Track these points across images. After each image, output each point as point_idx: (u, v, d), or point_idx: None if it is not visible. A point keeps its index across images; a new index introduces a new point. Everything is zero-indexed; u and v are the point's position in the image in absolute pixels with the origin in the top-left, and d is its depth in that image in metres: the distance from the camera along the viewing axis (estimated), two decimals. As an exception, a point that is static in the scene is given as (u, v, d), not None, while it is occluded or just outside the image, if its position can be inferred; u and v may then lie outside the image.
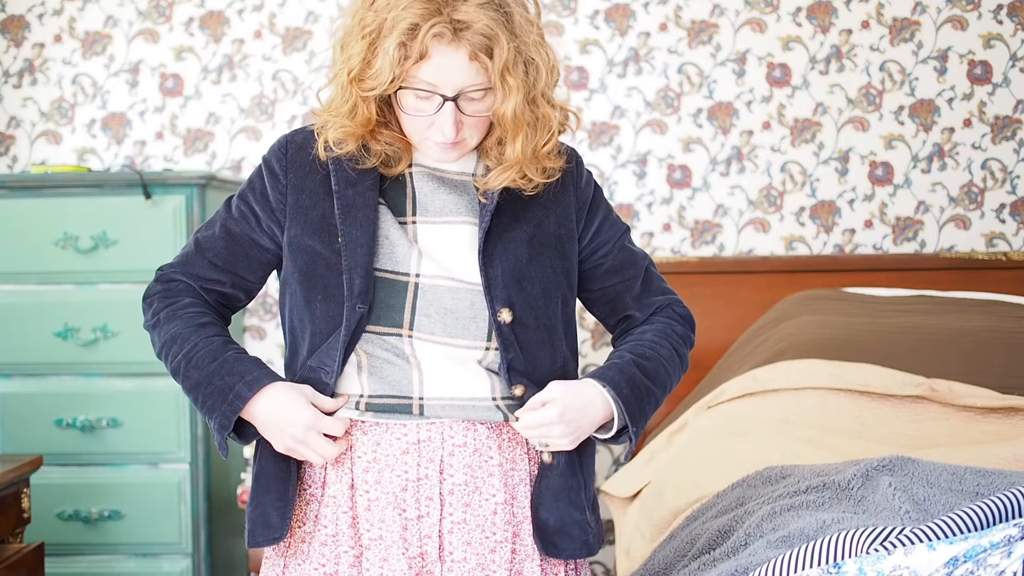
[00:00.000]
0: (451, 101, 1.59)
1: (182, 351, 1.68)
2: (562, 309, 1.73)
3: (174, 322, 1.70)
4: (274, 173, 1.71)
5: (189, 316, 1.71)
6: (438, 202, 1.70)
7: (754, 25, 3.50)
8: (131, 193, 3.11)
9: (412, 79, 1.58)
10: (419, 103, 1.60)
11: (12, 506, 2.64)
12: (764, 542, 1.80)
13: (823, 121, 3.50)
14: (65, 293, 3.12)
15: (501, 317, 1.66)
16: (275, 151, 1.73)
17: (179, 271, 1.75)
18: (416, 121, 1.62)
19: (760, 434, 2.49)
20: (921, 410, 2.59)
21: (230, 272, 1.74)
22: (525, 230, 1.71)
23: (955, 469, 2.04)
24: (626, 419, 1.70)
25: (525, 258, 1.69)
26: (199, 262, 1.74)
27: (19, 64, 3.54)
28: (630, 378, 1.71)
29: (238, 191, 1.76)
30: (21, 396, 3.12)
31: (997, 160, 3.49)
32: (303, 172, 1.70)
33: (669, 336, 1.78)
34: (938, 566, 1.40)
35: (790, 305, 3.14)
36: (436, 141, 1.63)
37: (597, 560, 3.54)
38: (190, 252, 1.76)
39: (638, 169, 3.52)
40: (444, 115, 1.60)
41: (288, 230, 1.70)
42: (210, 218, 1.78)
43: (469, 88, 1.59)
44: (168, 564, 3.10)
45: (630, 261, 1.82)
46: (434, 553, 1.66)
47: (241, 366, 1.66)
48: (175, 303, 1.73)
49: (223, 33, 3.53)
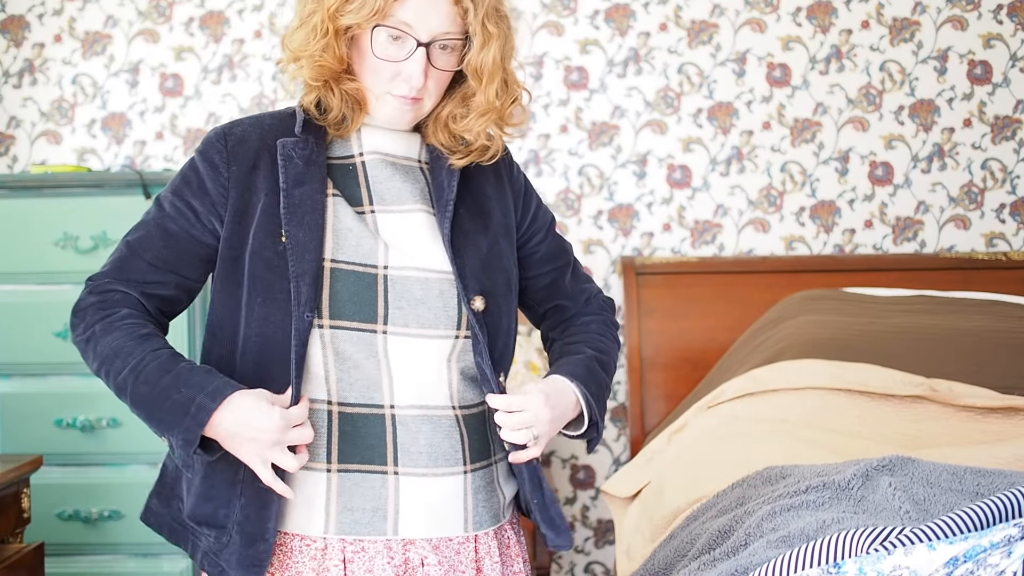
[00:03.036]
0: (423, 47, 1.58)
1: (127, 366, 1.58)
2: (515, 298, 1.75)
3: (112, 335, 1.60)
4: (214, 165, 1.63)
5: (128, 327, 1.61)
6: (393, 190, 1.68)
7: (754, 25, 3.50)
8: (131, 193, 3.11)
9: (389, 17, 1.57)
10: (390, 47, 1.59)
11: (12, 506, 2.64)
12: (764, 542, 1.80)
13: (823, 121, 3.50)
14: (65, 293, 3.12)
15: (475, 305, 1.65)
16: (213, 144, 1.64)
17: (112, 280, 1.65)
18: (382, 69, 1.60)
19: (760, 434, 2.49)
20: (921, 410, 2.59)
21: (171, 272, 1.65)
22: (480, 219, 1.71)
23: (955, 469, 2.04)
24: (596, 415, 1.71)
25: (486, 247, 1.69)
26: (136, 266, 1.65)
27: (19, 64, 3.54)
28: (595, 375, 1.72)
29: (168, 189, 1.67)
30: (21, 396, 3.12)
31: (997, 160, 3.49)
32: (246, 166, 1.63)
33: (609, 328, 1.84)
34: (938, 566, 1.40)
35: (790, 305, 3.14)
36: (397, 94, 1.62)
37: (597, 560, 3.54)
38: (122, 257, 1.66)
39: (638, 169, 3.52)
40: (414, 61, 1.58)
41: (227, 225, 1.63)
42: (138, 222, 1.68)
43: (442, 36, 1.59)
44: (168, 564, 3.10)
45: (561, 248, 1.85)
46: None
47: (198, 377, 1.56)
48: (111, 315, 1.62)
49: (223, 33, 3.53)
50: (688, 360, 3.38)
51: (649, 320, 3.39)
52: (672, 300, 3.39)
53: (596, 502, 3.53)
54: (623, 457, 3.52)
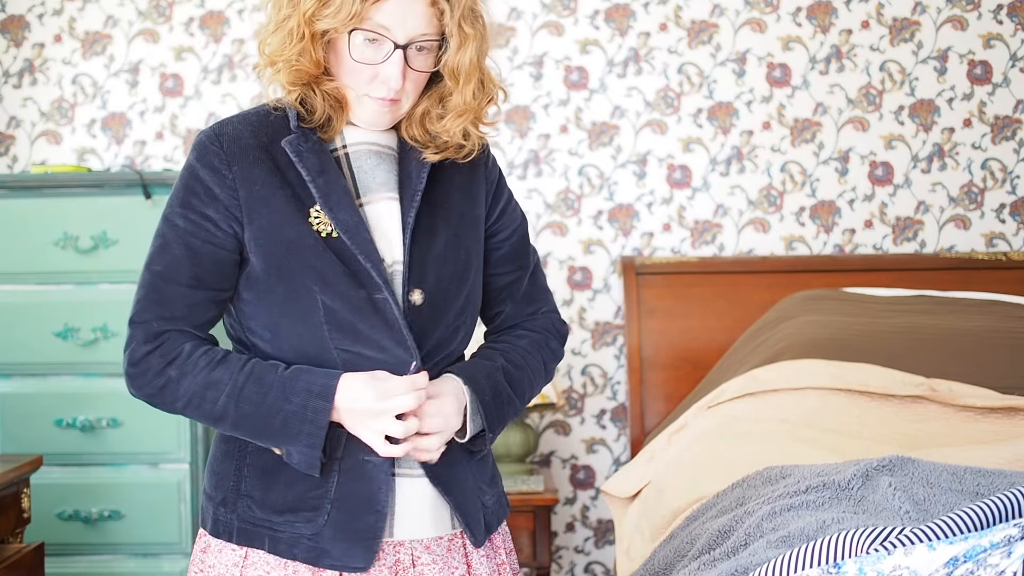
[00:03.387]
0: (401, 49, 1.58)
1: (221, 394, 1.59)
2: (472, 291, 1.73)
3: (191, 375, 1.60)
4: (215, 169, 1.60)
5: (203, 360, 1.61)
6: (379, 179, 1.68)
7: (754, 25, 3.50)
8: (131, 193, 3.11)
9: (366, 21, 1.57)
10: (367, 50, 1.59)
11: (12, 506, 2.64)
12: (764, 542, 1.80)
13: (823, 121, 3.50)
14: (65, 293, 3.12)
15: (413, 297, 1.64)
16: (207, 147, 1.61)
17: (157, 319, 1.62)
18: (359, 72, 1.60)
19: (760, 434, 2.49)
20: (921, 410, 2.59)
21: (207, 289, 1.63)
22: (445, 210, 1.71)
23: (955, 469, 2.04)
24: (483, 423, 1.69)
25: (444, 240, 1.69)
26: (172, 296, 1.62)
27: (19, 64, 3.54)
28: (495, 384, 1.70)
29: (175, 204, 1.62)
30: (21, 396, 3.12)
31: (997, 160, 3.49)
32: (247, 163, 1.61)
33: (543, 350, 1.81)
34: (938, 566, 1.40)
35: (790, 305, 3.14)
36: (375, 96, 1.61)
37: (597, 560, 3.54)
38: (155, 289, 1.62)
39: (638, 169, 3.52)
40: (392, 63, 1.58)
41: (249, 226, 1.61)
42: (155, 246, 1.63)
43: (419, 38, 1.59)
44: (168, 564, 3.10)
45: (524, 252, 1.83)
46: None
47: (301, 381, 1.58)
48: (177, 357, 1.61)
49: (223, 33, 3.53)
50: (688, 360, 3.38)
51: (649, 320, 3.39)
52: (672, 300, 3.39)
53: (596, 502, 3.53)
54: (623, 457, 3.52)
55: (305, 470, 1.60)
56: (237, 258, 1.62)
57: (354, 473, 1.62)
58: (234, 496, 1.66)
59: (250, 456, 1.66)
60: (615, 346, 3.52)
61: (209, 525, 1.68)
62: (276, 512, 1.63)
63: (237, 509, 1.65)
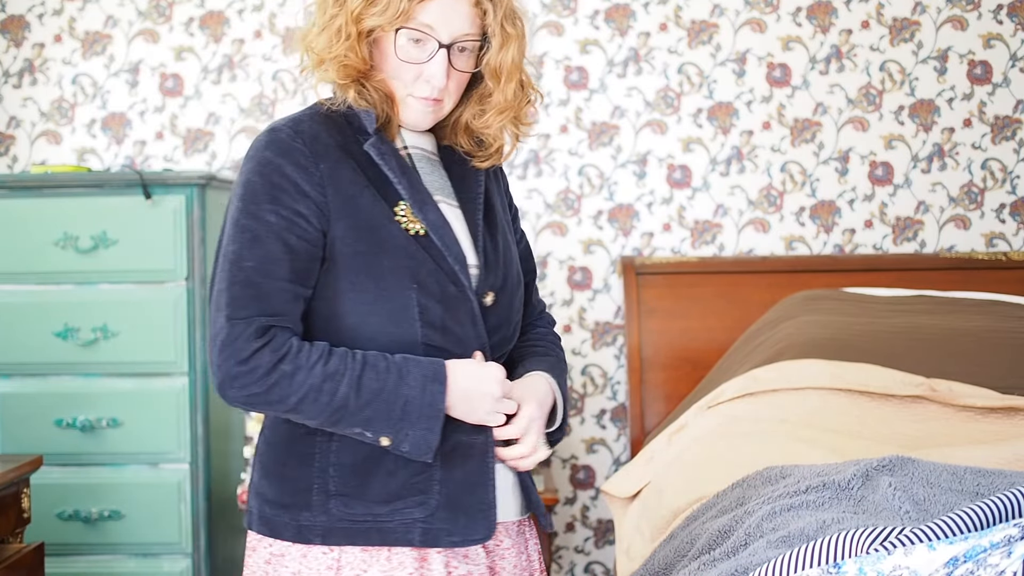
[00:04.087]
0: (445, 48, 1.61)
1: (341, 385, 1.58)
2: (522, 292, 1.80)
3: (307, 369, 1.57)
4: (302, 166, 1.60)
5: (315, 354, 1.58)
6: (436, 183, 1.72)
7: (754, 25, 3.50)
8: (131, 193, 3.11)
9: (412, 20, 1.60)
10: (411, 50, 1.62)
11: (12, 506, 2.63)
12: (764, 542, 1.80)
13: (823, 121, 3.50)
14: (65, 293, 3.12)
15: (486, 299, 1.69)
16: (289, 144, 1.61)
17: (258, 316, 1.57)
18: (404, 71, 1.63)
19: (760, 434, 2.49)
20: (921, 410, 2.59)
21: (302, 286, 1.61)
22: (494, 215, 1.76)
23: (955, 469, 2.04)
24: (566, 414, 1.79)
25: (501, 243, 1.74)
26: (271, 291, 1.58)
27: (19, 64, 3.54)
28: (562, 381, 1.79)
29: (255, 201, 1.60)
30: (21, 396, 3.12)
31: (997, 160, 3.49)
32: (332, 161, 1.62)
33: (558, 343, 1.90)
34: (938, 566, 1.40)
35: (790, 305, 3.14)
36: (419, 96, 1.64)
37: (597, 560, 3.55)
38: (252, 284, 1.58)
39: (638, 169, 3.52)
40: (436, 62, 1.62)
41: (336, 224, 1.61)
42: (239, 246, 1.59)
43: (462, 38, 1.63)
44: (168, 564, 3.10)
45: (530, 253, 1.90)
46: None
47: (413, 367, 1.60)
48: (288, 351, 1.58)
49: (223, 33, 3.53)
50: (688, 360, 3.38)
51: (649, 320, 3.39)
52: (672, 300, 3.39)
53: (596, 502, 3.53)
54: (623, 457, 3.52)
55: (417, 456, 1.61)
56: (320, 255, 1.62)
57: (454, 455, 1.65)
58: (322, 498, 1.64)
59: (334, 455, 1.65)
60: (615, 346, 3.52)
61: (289, 532, 1.65)
62: (381, 503, 1.63)
63: (328, 510, 1.64)
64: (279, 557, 1.66)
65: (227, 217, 1.64)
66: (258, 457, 1.72)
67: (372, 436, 1.60)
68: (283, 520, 1.65)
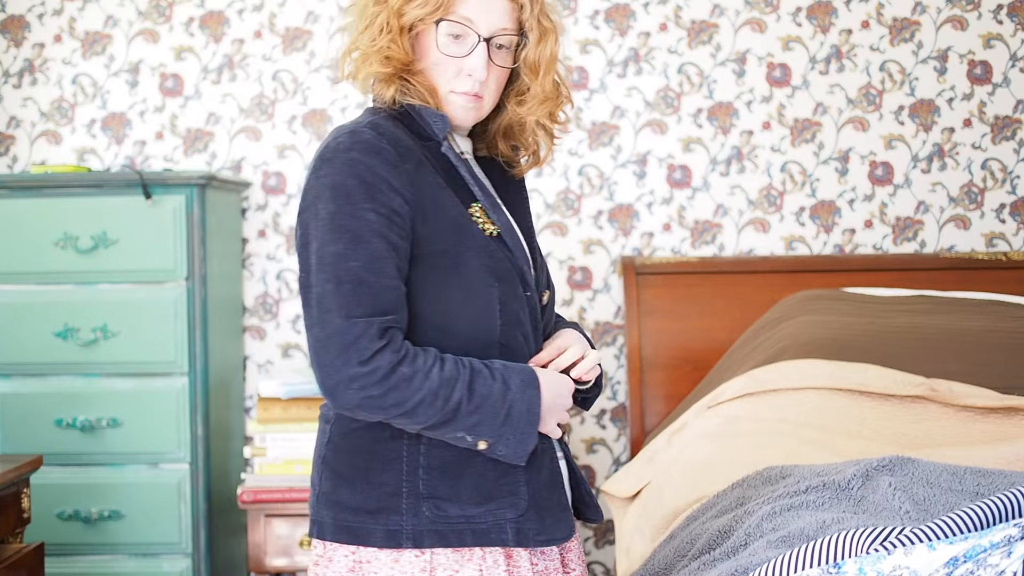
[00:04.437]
0: (485, 42, 1.66)
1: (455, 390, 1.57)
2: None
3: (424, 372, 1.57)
4: (393, 165, 1.60)
5: (431, 357, 1.59)
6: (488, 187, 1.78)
7: (754, 25, 3.50)
8: (131, 193, 3.11)
9: (451, 12, 1.64)
10: (451, 45, 1.66)
11: (12, 506, 2.63)
12: (764, 542, 1.80)
13: (823, 121, 3.50)
14: (65, 293, 3.12)
15: (544, 299, 1.77)
16: (377, 145, 1.60)
17: (374, 315, 1.56)
18: (445, 66, 1.67)
19: (760, 434, 2.49)
20: (921, 410, 2.59)
21: (404, 284, 1.61)
22: (529, 221, 1.84)
23: (955, 469, 2.04)
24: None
25: (538, 247, 1.82)
26: (382, 290, 1.57)
27: (19, 64, 3.54)
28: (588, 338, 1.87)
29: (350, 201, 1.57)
30: (21, 396, 3.12)
31: (997, 160, 3.49)
32: (414, 162, 1.63)
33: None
34: (938, 566, 1.40)
35: (790, 305, 3.14)
36: (460, 91, 1.67)
37: (597, 560, 3.54)
38: (363, 285, 1.56)
39: (638, 169, 3.52)
40: (477, 55, 1.65)
41: (423, 225, 1.61)
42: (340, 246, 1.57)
43: (500, 32, 1.67)
44: (168, 564, 3.10)
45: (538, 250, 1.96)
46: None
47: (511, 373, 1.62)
48: (406, 353, 1.57)
49: (223, 33, 3.53)
50: (688, 360, 3.38)
51: (649, 320, 3.39)
52: (672, 300, 3.39)
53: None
54: (623, 457, 3.52)
55: (512, 460, 1.63)
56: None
57: (533, 457, 1.68)
58: (412, 501, 1.63)
59: (423, 457, 1.64)
60: (615, 346, 3.52)
61: (377, 538, 1.63)
62: (475, 504, 1.64)
63: (420, 513, 1.63)
64: (365, 564, 1.65)
65: (310, 222, 1.61)
66: (326, 465, 1.68)
67: (472, 440, 1.61)
68: (369, 526, 1.63)
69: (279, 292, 3.54)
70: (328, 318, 1.56)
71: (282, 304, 3.54)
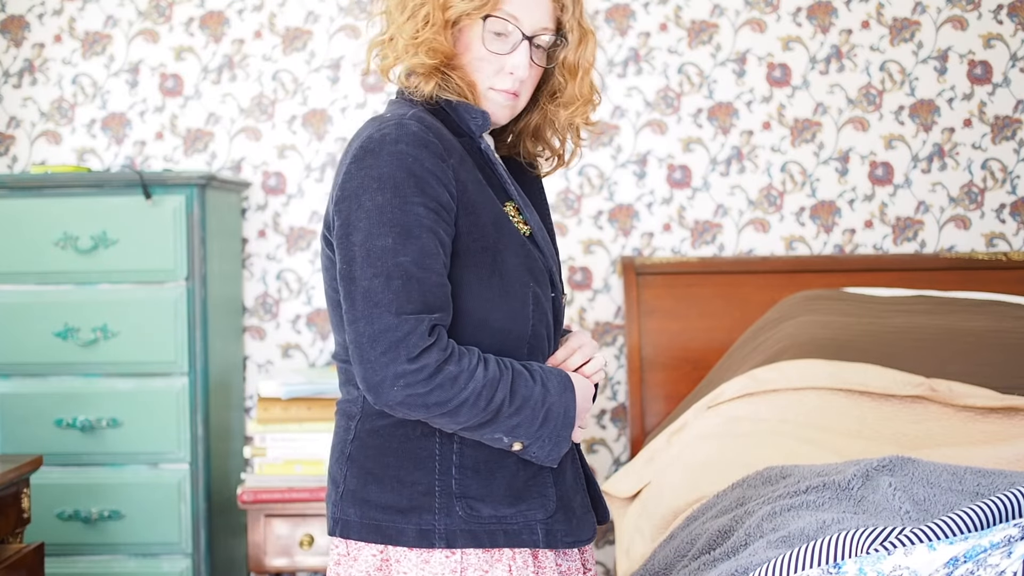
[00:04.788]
0: (527, 40, 1.65)
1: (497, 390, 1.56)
2: None
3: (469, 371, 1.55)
4: (441, 158, 1.58)
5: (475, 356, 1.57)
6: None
7: (754, 25, 3.50)
8: (131, 193, 3.11)
9: (497, 9, 1.64)
10: (495, 41, 1.65)
11: (12, 506, 2.63)
12: (764, 542, 1.80)
13: (823, 121, 3.50)
14: (65, 293, 3.12)
15: (565, 300, 1.78)
16: (424, 138, 1.58)
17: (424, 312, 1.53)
18: (487, 63, 1.66)
19: (760, 434, 2.49)
20: (921, 410, 2.59)
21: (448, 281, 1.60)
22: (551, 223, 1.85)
23: (955, 469, 2.04)
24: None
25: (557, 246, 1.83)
26: (432, 286, 1.54)
27: (19, 64, 3.54)
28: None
29: (399, 194, 1.54)
30: (21, 396, 3.12)
31: (997, 160, 3.49)
32: (458, 157, 1.62)
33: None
34: (938, 566, 1.40)
35: (790, 305, 3.14)
36: (500, 88, 1.67)
37: (597, 560, 3.54)
38: (413, 280, 1.53)
39: (638, 169, 3.52)
40: (520, 53, 1.65)
41: (464, 220, 1.60)
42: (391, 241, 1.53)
43: (541, 31, 1.67)
44: (168, 564, 3.10)
45: None
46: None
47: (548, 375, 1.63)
48: (452, 351, 1.55)
49: (223, 33, 3.53)
50: (688, 360, 3.38)
51: (649, 320, 3.39)
52: (672, 300, 3.39)
53: (596, 502, 3.53)
54: (623, 457, 3.52)
55: (546, 462, 1.63)
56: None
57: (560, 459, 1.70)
58: (446, 500, 1.61)
59: (456, 456, 1.63)
60: (615, 346, 3.52)
61: (408, 537, 1.61)
62: (507, 504, 1.63)
63: (452, 512, 1.61)
64: (394, 563, 1.62)
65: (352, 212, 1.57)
66: (352, 463, 1.66)
67: (508, 441, 1.60)
68: (400, 525, 1.61)
69: (279, 292, 3.54)
70: (377, 313, 1.52)
71: (282, 304, 3.54)
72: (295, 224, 3.52)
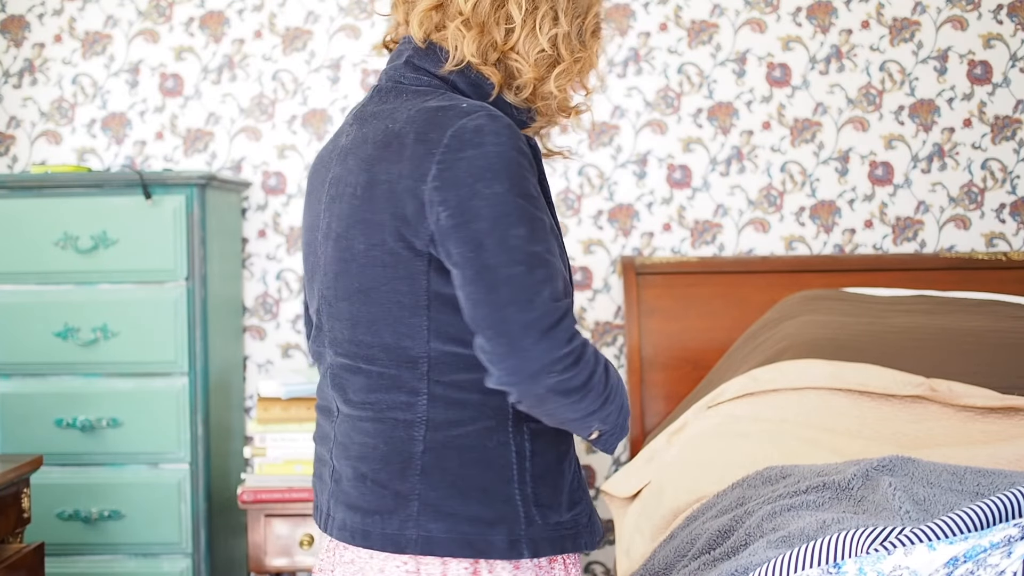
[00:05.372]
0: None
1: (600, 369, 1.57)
2: None
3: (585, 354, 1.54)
4: (525, 153, 1.55)
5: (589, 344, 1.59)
6: None
7: (754, 25, 3.50)
8: (131, 193, 3.11)
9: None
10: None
11: (12, 506, 2.64)
12: (764, 542, 1.80)
13: (823, 121, 3.50)
14: (65, 293, 3.12)
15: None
16: (516, 131, 1.55)
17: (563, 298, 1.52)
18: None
19: (760, 434, 2.49)
20: (921, 410, 2.58)
21: None
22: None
23: (955, 469, 2.04)
24: None
25: None
26: (559, 273, 1.53)
27: (19, 64, 3.54)
28: None
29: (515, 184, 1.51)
30: (21, 396, 3.12)
31: (997, 160, 3.49)
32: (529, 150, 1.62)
33: None
34: (938, 566, 1.40)
35: (790, 305, 3.14)
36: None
37: (597, 560, 3.54)
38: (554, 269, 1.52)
39: (638, 169, 3.52)
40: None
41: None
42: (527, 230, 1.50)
43: None
44: (168, 564, 3.10)
45: None
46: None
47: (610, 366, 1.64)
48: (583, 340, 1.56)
49: (223, 33, 3.53)
50: (688, 360, 3.38)
51: (649, 320, 3.39)
52: (672, 300, 3.39)
53: (596, 502, 3.53)
54: (623, 457, 3.52)
55: (606, 449, 1.64)
56: None
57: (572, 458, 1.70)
58: (526, 508, 1.58)
59: (529, 463, 1.60)
60: (615, 346, 3.52)
61: (498, 550, 1.56)
62: (567, 509, 1.62)
63: (534, 520, 1.58)
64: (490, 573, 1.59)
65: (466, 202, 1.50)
66: (425, 475, 1.57)
67: (597, 427, 1.59)
68: (490, 537, 1.56)
69: (279, 292, 3.54)
70: (532, 299, 1.48)
71: (282, 304, 3.55)
72: (295, 224, 3.52)
